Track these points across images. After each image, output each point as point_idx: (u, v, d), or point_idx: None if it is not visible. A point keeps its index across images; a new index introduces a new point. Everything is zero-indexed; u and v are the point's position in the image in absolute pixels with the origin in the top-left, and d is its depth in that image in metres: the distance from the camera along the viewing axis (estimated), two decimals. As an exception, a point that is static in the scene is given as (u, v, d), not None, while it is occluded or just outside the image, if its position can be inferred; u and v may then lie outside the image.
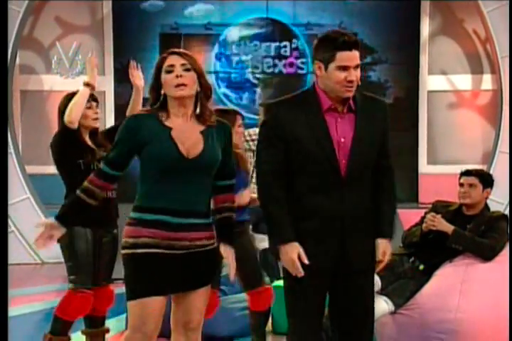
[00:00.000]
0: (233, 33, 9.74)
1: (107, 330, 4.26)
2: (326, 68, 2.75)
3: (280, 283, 5.10)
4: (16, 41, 8.33)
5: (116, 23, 9.50)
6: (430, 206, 4.52)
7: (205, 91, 2.85)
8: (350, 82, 2.74)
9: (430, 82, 9.67)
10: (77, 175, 3.76)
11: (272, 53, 9.70)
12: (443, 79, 9.68)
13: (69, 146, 3.94)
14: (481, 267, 4.24)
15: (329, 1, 9.63)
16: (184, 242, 2.79)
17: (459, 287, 4.18)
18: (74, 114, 3.88)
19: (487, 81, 9.53)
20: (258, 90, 9.78)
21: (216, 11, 9.66)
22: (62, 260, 4.20)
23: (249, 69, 9.75)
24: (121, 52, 9.57)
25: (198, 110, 2.83)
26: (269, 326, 5.01)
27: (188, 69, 2.80)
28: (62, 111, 4.07)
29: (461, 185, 4.38)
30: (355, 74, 2.74)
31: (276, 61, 9.74)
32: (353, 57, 2.74)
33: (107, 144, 3.89)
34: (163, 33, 9.64)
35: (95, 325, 4.17)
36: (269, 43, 9.71)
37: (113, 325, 5.25)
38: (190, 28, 9.66)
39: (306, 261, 2.74)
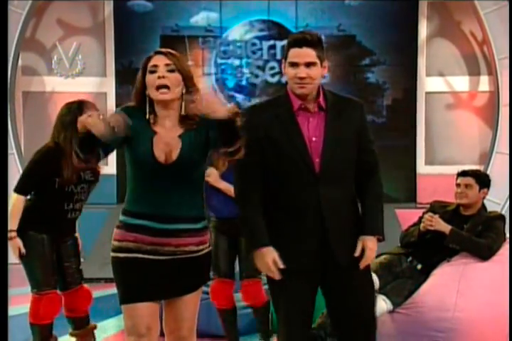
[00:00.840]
0: (234, 35, 9.74)
1: (95, 327, 4.34)
2: (285, 67, 2.81)
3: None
4: (18, 43, 8.33)
5: (117, 25, 9.50)
6: (428, 206, 4.53)
7: (191, 93, 2.66)
8: (301, 78, 2.74)
9: (428, 83, 9.67)
10: (47, 192, 3.92)
11: (276, 56, 9.71)
12: (441, 80, 9.68)
13: (52, 163, 3.89)
14: (479, 266, 4.24)
15: (329, 2, 9.62)
16: (169, 248, 2.70)
17: (457, 286, 4.18)
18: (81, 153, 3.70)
19: (484, 82, 9.53)
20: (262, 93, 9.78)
21: (217, 13, 9.65)
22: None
23: (248, 71, 9.75)
24: (122, 53, 9.57)
25: (182, 111, 2.68)
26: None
27: (172, 70, 2.65)
28: (61, 122, 4.01)
29: (458, 185, 4.39)
30: (307, 72, 2.74)
31: (275, 64, 9.74)
32: (303, 54, 2.74)
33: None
34: (164, 35, 9.64)
35: (80, 326, 4.24)
36: (270, 43, 9.71)
37: (113, 323, 5.26)
38: (191, 30, 9.66)
39: (281, 266, 2.74)
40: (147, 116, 2.68)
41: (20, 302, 5.19)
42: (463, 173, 4.44)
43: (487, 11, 8.79)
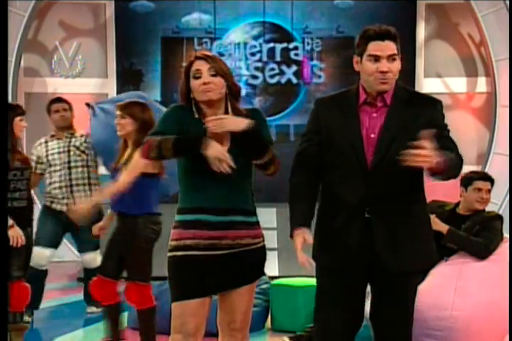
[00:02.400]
0: (233, 37, 9.75)
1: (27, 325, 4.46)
2: (362, 61, 2.69)
3: (279, 281, 5.12)
4: (21, 44, 8.34)
5: (118, 27, 9.50)
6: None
7: (233, 93, 2.80)
8: (382, 72, 2.63)
9: (426, 84, 9.68)
10: None
11: (275, 57, 9.71)
12: (438, 81, 9.69)
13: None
14: (476, 266, 4.25)
15: (327, 3, 9.62)
16: (226, 241, 2.74)
17: (454, 285, 4.18)
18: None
19: (482, 84, 9.54)
20: (262, 94, 9.79)
21: (218, 15, 9.66)
22: (67, 259, 4.26)
23: (248, 72, 9.75)
24: (123, 55, 9.58)
25: (229, 112, 2.78)
26: (268, 324, 5.03)
27: (214, 75, 2.75)
28: None
29: (480, 190, 4.29)
30: (389, 66, 2.63)
31: (274, 65, 9.75)
32: (384, 47, 2.63)
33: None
34: (164, 36, 9.65)
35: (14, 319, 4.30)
36: (269, 46, 9.72)
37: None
38: (191, 32, 9.67)
39: (311, 241, 2.63)
40: (195, 116, 2.78)
41: (44, 298, 5.26)
42: (484, 177, 4.34)
43: (484, 13, 8.81)
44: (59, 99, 5.55)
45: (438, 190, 9.46)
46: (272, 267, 6.05)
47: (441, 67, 9.62)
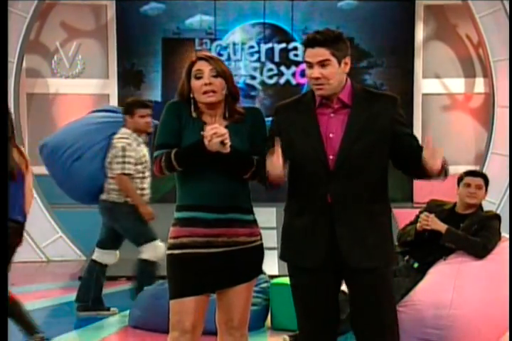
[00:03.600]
0: (233, 37, 9.74)
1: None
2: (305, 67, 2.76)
3: (279, 280, 5.11)
4: (23, 46, 8.32)
5: (119, 28, 9.50)
6: (425, 205, 4.52)
7: (233, 95, 2.81)
8: (315, 78, 2.66)
9: (424, 85, 9.68)
10: None
11: (274, 58, 9.71)
12: (437, 82, 9.69)
13: None
14: (474, 265, 4.24)
15: (327, 5, 9.62)
16: (223, 238, 2.74)
17: (453, 284, 4.17)
18: None
19: (480, 84, 9.54)
20: (260, 94, 9.77)
21: (216, 16, 9.66)
22: (67, 258, 4.26)
23: (246, 73, 9.74)
24: (124, 56, 9.57)
25: (227, 113, 2.81)
26: (268, 323, 5.02)
27: (216, 76, 2.77)
28: None
29: (468, 185, 4.33)
30: (321, 71, 2.65)
31: (273, 66, 9.74)
32: (314, 53, 2.66)
33: None
34: (165, 37, 9.64)
35: None
36: (268, 46, 9.71)
37: (116, 321, 5.26)
38: (191, 33, 9.66)
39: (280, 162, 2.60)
40: (193, 114, 2.79)
41: (26, 300, 5.21)
42: (473, 173, 4.39)
43: (482, 15, 8.79)
44: (145, 105, 5.46)
45: (436, 191, 9.45)
46: (271, 266, 6.04)
47: (439, 68, 9.62)
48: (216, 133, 2.62)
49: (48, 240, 8.10)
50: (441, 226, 4.19)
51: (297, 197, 2.76)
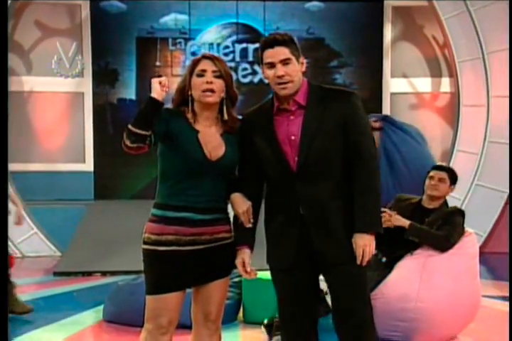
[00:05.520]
0: (206, 37, 9.72)
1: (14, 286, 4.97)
2: (264, 70, 2.75)
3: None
4: (-3, 44, 8.22)
5: (94, 27, 9.42)
6: (392, 201, 4.56)
7: (230, 99, 2.81)
8: (279, 77, 2.67)
9: (392, 84, 9.74)
10: None
11: (248, 57, 9.71)
12: (404, 81, 9.76)
13: None
14: (439, 259, 4.29)
15: (298, 6, 9.63)
16: (205, 236, 2.77)
17: (419, 278, 4.22)
18: None
19: (445, 84, 9.62)
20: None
21: (190, 16, 9.63)
22: (42, 254, 4.25)
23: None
24: (99, 54, 9.50)
25: (225, 116, 2.80)
26: (240, 316, 5.03)
27: (218, 76, 2.76)
28: None
29: (432, 177, 4.43)
30: (284, 69, 2.67)
31: (247, 65, 9.75)
32: (275, 53, 2.68)
33: None
34: (139, 36, 9.58)
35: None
36: (242, 46, 9.71)
37: (90, 316, 5.24)
38: (165, 33, 9.62)
39: (248, 269, 2.75)
40: (187, 114, 2.78)
41: (21, 292, 5.25)
42: (438, 168, 4.50)
43: (447, 16, 8.88)
44: None
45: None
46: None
47: (407, 68, 9.69)
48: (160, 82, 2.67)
49: (22, 236, 8.03)
50: (404, 222, 4.23)
51: (271, 201, 2.80)
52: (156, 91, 2.67)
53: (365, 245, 2.70)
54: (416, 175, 4.85)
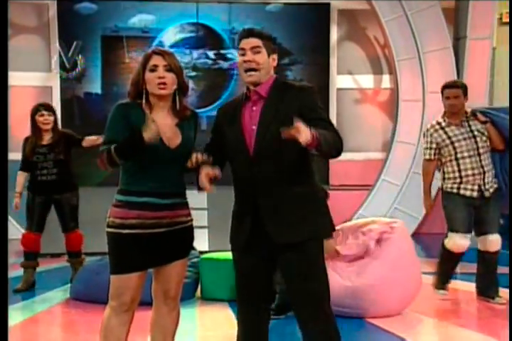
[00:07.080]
0: (167, 37, 9.64)
1: (83, 259, 5.54)
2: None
3: (208, 255, 5.14)
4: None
5: (61, 26, 9.25)
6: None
7: (182, 90, 2.83)
8: (245, 62, 2.71)
9: (339, 80, 9.81)
10: (26, 165, 5.51)
11: (206, 56, 9.65)
12: (349, 78, 9.83)
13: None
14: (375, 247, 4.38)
15: (253, 7, 9.61)
16: (166, 220, 2.77)
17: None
18: None
19: (386, 81, 9.73)
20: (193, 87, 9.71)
21: (153, 15, 9.53)
22: (12, 237, 4.22)
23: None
24: (66, 51, 9.34)
25: (177, 106, 2.81)
26: (198, 293, 5.05)
27: (169, 70, 2.77)
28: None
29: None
30: (253, 57, 2.71)
31: (207, 60, 9.70)
32: (248, 41, 2.73)
33: None
34: (104, 35, 9.45)
35: (73, 256, 5.54)
36: (201, 49, 9.65)
37: (58, 294, 5.19)
38: (129, 31, 9.51)
39: (212, 174, 2.65)
40: (143, 105, 2.78)
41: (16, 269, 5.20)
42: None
43: (387, 19, 8.99)
44: (451, 86, 4.75)
45: (350, 174, 9.59)
46: (202, 243, 6.04)
47: (351, 66, 9.76)
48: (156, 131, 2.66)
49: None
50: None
51: (234, 185, 2.79)
52: (151, 137, 2.64)
53: (304, 127, 2.46)
54: None
